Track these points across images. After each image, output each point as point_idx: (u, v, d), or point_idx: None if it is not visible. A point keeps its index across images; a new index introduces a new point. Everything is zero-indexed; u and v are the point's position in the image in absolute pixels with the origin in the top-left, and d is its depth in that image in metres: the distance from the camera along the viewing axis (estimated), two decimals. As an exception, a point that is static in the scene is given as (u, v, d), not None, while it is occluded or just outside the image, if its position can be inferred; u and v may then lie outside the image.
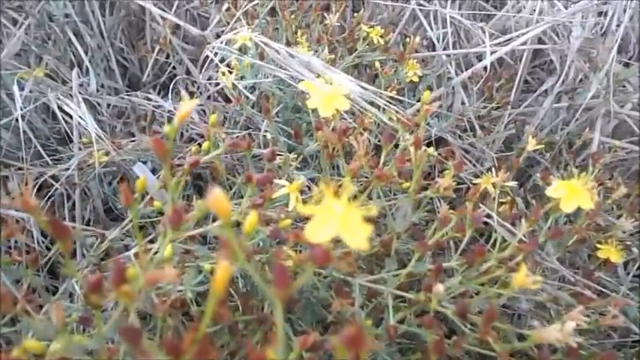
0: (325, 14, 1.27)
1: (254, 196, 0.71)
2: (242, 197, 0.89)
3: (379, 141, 0.90)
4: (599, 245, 1.04)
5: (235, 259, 0.39)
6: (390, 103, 0.86)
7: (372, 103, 0.79)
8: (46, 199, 1.47)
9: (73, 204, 1.52)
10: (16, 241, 1.25)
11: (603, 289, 0.99)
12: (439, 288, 0.61)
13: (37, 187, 1.49)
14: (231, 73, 1.00)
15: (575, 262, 1.26)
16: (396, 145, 0.94)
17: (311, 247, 0.38)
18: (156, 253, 0.72)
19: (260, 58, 0.95)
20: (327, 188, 0.39)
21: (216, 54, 0.95)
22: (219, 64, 0.95)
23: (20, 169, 1.54)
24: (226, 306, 0.41)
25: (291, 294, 0.85)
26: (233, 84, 1.00)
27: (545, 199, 1.33)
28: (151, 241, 0.89)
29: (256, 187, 0.69)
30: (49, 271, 1.34)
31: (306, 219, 0.81)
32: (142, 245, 0.58)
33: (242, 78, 1.04)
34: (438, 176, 1.32)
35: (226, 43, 1.04)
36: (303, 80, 0.92)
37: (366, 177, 0.85)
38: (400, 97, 0.94)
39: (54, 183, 1.47)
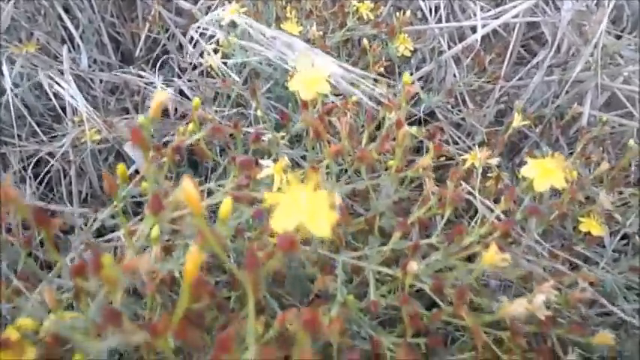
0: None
1: (240, 177, 0.73)
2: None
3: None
4: (580, 219, 1.07)
5: (208, 245, 0.41)
6: (376, 82, 0.87)
7: (354, 84, 0.80)
8: (43, 175, 1.49)
9: (70, 180, 1.55)
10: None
11: (583, 264, 1.02)
12: (413, 266, 0.64)
13: (33, 164, 1.52)
14: (217, 52, 1.00)
15: (563, 234, 1.28)
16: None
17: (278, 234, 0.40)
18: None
19: (248, 36, 0.95)
20: (294, 176, 0.41)
21: (201, 34, 0.95)
22: (204, 43, 0.95)
23: (16, 146, 1.56)
24: (206, 286, 0.43)
25: (279, 269, 0.88)
26: (221, 63, 1.01)
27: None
28: (142, 220, 0.92)
29: (241, 169, 0.71)
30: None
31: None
32: (126, 228, 0.60)
33: (228, 56, 1.05)
34: (427, 152, 1.34)
35: (216, 20, 1.04)
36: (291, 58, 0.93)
37: (351, 155, 0.86)
38: (386, 76, 0.95)
39: (50, 160, 1.49)
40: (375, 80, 0.82)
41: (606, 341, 0.71)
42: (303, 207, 0.39)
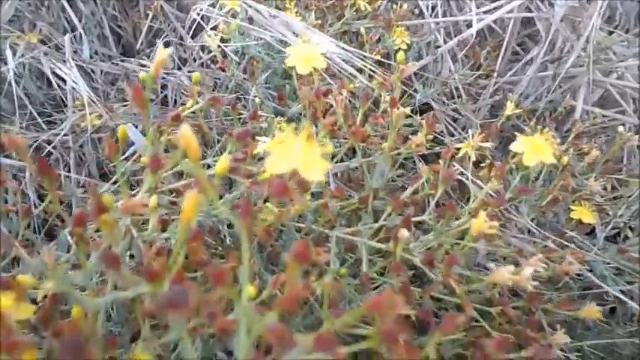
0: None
1: (237, 152, 0.75)
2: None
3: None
4: (572, 207, 1.09)
5: (205, 192, 0.43)
6: (373, 66, 0.89)
7: (355, 67, 0.82)
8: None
9: (69, 169, 1.56)
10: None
11: (575, 248, 1.04)
12: (404, 233, 0.65)
13: (32, 153, 1.53)
14: (217, 36, 1.02)
15: (556, 227, 1.30)
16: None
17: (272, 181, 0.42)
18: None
19: (247, 21, 0.97)
20: (289, 129, 0.42)
21: (202, 17, 0.97)
22: (205, 25, 0.97)
23: (16, 133, 1.58)
24: (200, 241, 0.45)
25: (273, 246, 0.89)
26: (219, 47, 1.03)
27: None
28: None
29: (238, 143, 0.72)
30: (46, 233, 1.38)
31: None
32: (127, 193, 0.61)
33: (228, 41, 1.07)
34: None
35: (218, 8, 1.07)
36: (290, 45, 0.95)
37: (347, 138, 0.88)
38: (383, 60, 0.97)
39: (48, 147, 1.50)
40: (376, 62, 0.83)
41: (593, 315, 0.73)
42: (296, 154, 0.41)
